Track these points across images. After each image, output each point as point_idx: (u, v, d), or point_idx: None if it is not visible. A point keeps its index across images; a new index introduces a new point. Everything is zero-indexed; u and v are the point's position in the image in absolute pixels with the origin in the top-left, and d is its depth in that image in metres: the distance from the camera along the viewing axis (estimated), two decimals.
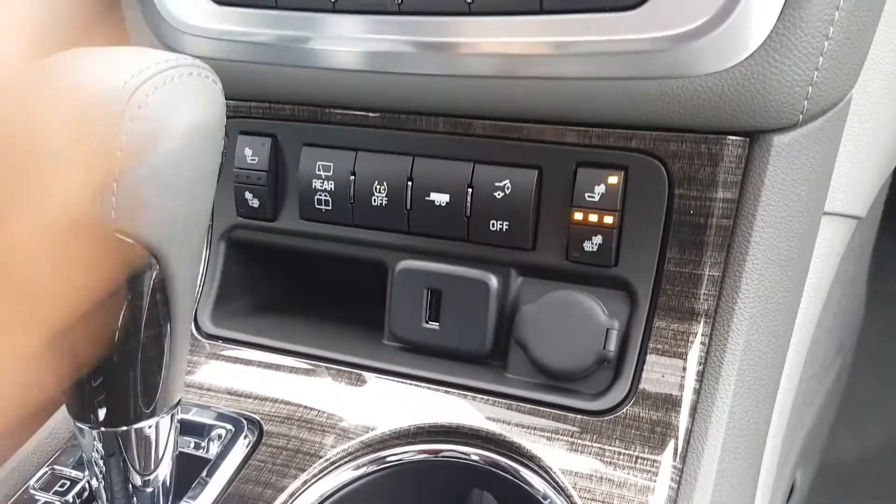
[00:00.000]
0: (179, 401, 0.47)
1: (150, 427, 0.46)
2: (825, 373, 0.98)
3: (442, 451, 0.55)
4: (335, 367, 0.62)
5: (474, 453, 0.54)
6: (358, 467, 0.54)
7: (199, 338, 0.66)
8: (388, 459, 0.55)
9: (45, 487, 0.55)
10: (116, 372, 0.43)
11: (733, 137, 0.50)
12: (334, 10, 0.55)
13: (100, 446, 0.46)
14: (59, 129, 0.36)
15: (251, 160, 0.63)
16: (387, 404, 0.58)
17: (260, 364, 0.63)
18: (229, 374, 0.63)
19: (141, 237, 0.39)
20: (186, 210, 0.41)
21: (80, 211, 0.35)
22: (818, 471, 1.17)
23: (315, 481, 0.54)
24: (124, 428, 0.45)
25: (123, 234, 0.38)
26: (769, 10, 0.45)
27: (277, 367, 0.63)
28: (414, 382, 0.59)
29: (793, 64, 0.46)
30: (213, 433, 0.58)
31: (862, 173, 0.61)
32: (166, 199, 0.39)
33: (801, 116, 0.48)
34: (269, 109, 0.63)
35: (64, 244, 0.34)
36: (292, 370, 0.62)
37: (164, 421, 0.47)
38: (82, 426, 0.45)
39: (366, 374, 0.61)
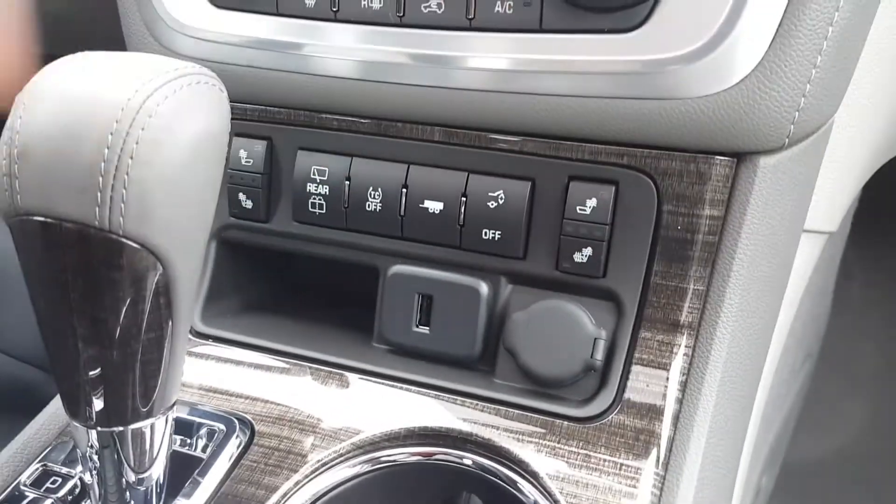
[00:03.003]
0: (175, 401, 0.48)
1: (146, 427, 0.47)
2: (793, 379, 1.01)
3: (434, 453, 0.56)
4: (325, 368, 0.63)
5: (465, 457, 0.55)
6: (352, 467, 0.55)
7: (190, 336, 0.66)
8: (381, 460, 0.56)
9: (37, 484, 0.55)
10: (116, 373, 0.43)
11: (721, 157, 0.52)
12: (335, 20, 0.56)
13: (96, 445, 0.46)
14: None
15: (246, 162, 0.63)
16: (377, 407, 0.59)
17: (250, 364, 0.64)
18: (220, 374, 0.63)
19: (148, 242, 0.39)
20: (192, 215, 0.42)
21: None
22: (780, 474, 1.20)
23: (307, 482, 0.55)
24: (121, 428, 0.46)
25: (131, 240, 0.38)
26: (761, 39, 0.47)
27: (268, 368, 0.63)
28: (404, 386, 0.60)
29: (781, 90, 0.48)
30: (204, 432, 0.58)
31: (838, 191, 0.64)
32: (174, 205, 0.40)
33: (787, 140, 0.50)
34: (265, 113, 0.63)
35: None
36: (283, 371, 0.63)
37: (160, 421, 0.47)
38: (78, 425, 0.46)
39: (355, 376, 0.62)
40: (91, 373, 0.43)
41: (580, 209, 0.55)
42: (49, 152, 0.39)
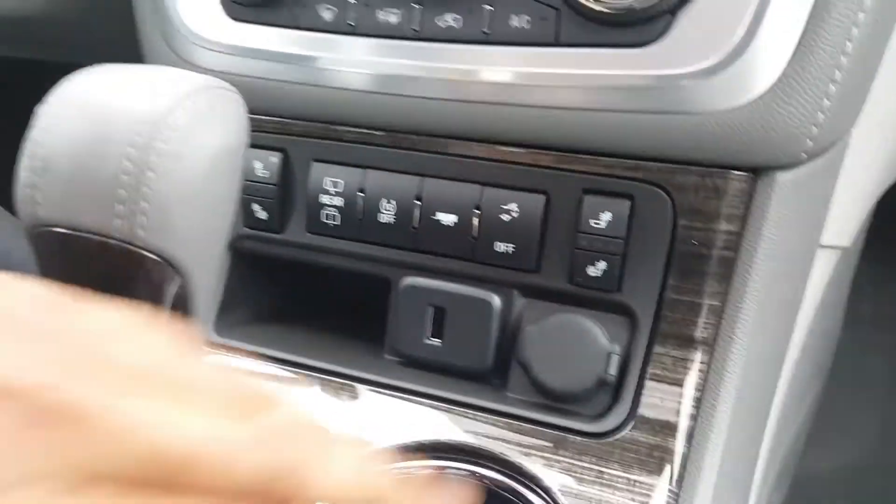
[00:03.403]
0: None
1: None
2: (805, 394, 1.01)
3: (446, 467, 0.56)
4: (336, 379, 0.63)
5: (477, 471, 0.55)
6: None
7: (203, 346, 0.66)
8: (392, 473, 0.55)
9: None
10: None
11: (738, 173, 0.52)
12: (352, 33, 0.56)
13: None
14: None
15: (261, 173, 0.64)
16: (388, 419, 0.59)
17: (261, 374, 0.64)
18: None
19: (168, 254, 0.39)
20: (211, 227, 0.42)
21: None
22: (791, 489, 1.19)
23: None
24: None
25: (152, 252, 0.39)
26: (779, 55, 0.47)
27: (279, 378, 0.63)
28: (415, 398, 0.60)
29: (800, 106, 0.48)
30: None
31: (854, 206, 0.63)
32: (193, 218, 0.40)
33: (804, 155, 0.50)
34: (280, 125, 0.63)
35: None
36: (294, 381, 0.63)
37: None
38: None
39: (366, 388, 0.62)
40: None
41: (594, 223, 0.55)
42: (71, 164, 0.39)
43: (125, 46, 0.67)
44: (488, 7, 0.53)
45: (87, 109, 0.40)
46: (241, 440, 0.26)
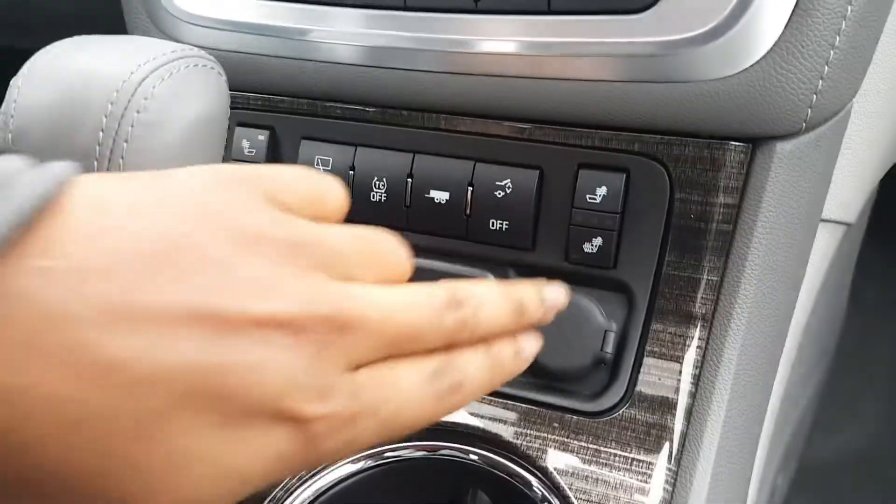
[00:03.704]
0: None
1: None
2: (809, 377, 0.99)
3: (440, 448, 0.55)
4: None
5: (472, 452, 0.54)
6: (355, 462, 0.54)
7: None
8: (385, 455, 0.54)
9: None
10: None
11: (736, 143, 0.50)
12: (338, 4, 0.55)
13: None
14: None
15: (248, 152, 0.62)
16: None
17: None
18: None
19: None
20: None
21: None
22: (796, 473, 1.18)
23: (310, 477, 0.53)
24: None
25: None
26: (777, 18, 0.45)
27: None
28: None
29: (798, 72, 0.46)
30: None
31: (857, 180, 0.62)
32: None
33: (804, 124, 0.48)
34: (267, 102, 0.62)
35: None
36: None
37: None
38: None
39: None
40: None
41: (590, 198, 0.54)
42: (45, 134, 0.38)
43: (109, 25, 0.65)
44: None
45: (61, 79, 0.38)
46: (439, 305, 0.33)
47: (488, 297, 0.35)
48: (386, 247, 0.35)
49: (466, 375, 0.34)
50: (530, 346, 0.38)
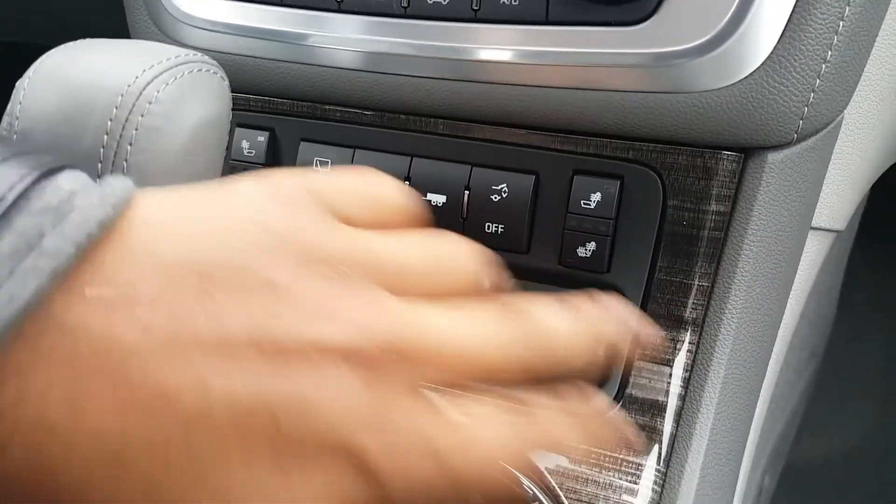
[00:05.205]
0: None
1: None
2: (798, 379, 1.01)
3: None
4: None
5: None
6: None
7: None
8: None
9: None
10: None
11: (728, 153, 0.51)
12: (339, 10, 0.55)
13: None
14: None
15: (248, 153, 0.63)
16: None
17: None
18: None
19: None
20: None
21: None
22: (784, 474, 1.20)
23: None
24: None
25: None
26: (771, 32, 0.46)
27: None
28: None
29: (791, 85, 0.47)
30: None
31: (847, 189, 0.63)
32: None
33: (795, 135, 0.49)
34: (267, 104, 0.63)
35: None
36: None
37: None
38: None
39: None
40: None
41: (584, 203, 0.54)
42: (49, 138, 0.38)
43: (112, 28, 0.66)
44: None
45: (66, 83, 0.39)
46: (509, 335, 0.31)
47: (571, 335, 0.33)
48: (453, 256, 0.33)
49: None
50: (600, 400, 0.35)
